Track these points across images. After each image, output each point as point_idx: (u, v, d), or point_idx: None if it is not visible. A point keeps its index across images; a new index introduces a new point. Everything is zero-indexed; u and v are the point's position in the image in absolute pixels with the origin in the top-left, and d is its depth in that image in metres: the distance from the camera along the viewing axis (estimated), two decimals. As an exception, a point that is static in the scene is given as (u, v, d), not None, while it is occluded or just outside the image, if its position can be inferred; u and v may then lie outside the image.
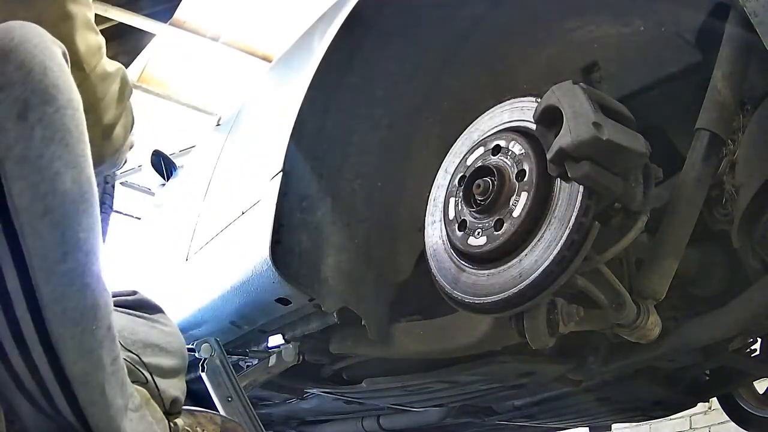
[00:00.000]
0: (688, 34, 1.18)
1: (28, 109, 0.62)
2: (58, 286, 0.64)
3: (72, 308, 0.65)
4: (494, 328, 1.26)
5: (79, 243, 0.65)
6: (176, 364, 1.01)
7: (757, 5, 0.85)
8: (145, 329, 0.99)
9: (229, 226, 1.76)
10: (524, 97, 1.18)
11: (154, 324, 1.03)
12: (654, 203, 1.07)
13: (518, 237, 1.06)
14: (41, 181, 0.62)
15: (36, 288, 0.63)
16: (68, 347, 0.65)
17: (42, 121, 0.63)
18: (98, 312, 0.68)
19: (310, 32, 1.85)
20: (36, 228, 0.62)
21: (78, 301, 0.65)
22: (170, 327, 1.07)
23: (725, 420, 2.45)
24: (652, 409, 1.94)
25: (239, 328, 1.75)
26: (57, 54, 0.66)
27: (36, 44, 0.65)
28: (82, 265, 0.65)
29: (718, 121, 1.09)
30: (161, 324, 1.05)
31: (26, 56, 0.63)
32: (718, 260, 1.29)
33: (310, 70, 1.46)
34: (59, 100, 0.64)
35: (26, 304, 0.63)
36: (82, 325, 0.66)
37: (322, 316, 1.56)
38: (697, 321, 1.28)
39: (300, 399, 2.08)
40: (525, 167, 1.08)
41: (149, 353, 0.95)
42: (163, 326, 1.05)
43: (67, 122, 0.65)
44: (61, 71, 0.66)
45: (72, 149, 0.64)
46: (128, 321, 0.98)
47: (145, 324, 1.01)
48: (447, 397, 1.76)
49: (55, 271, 0.63)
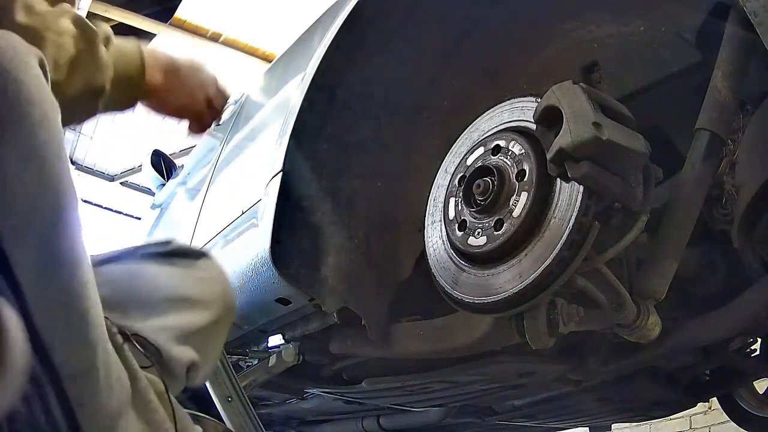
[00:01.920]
0: (688, 34, 1.18)
1: (3, 128, 0.60)
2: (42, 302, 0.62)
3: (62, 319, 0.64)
4: (494, 328, 1.26)
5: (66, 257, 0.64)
6: (210, 316, 0.95)
7: (757, 5, 0.85)
8: (173, 281, 0.94)
9: (229, 225, 1.77)
10: (524, 97, 1.18)
11: (190, 272, 0.97)
12: (654, 203, 1.07)
13: (518, 237, 1.06)
14: (21, 201, 0.60)
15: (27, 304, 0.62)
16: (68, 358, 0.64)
17: (16, 142, 0.61)
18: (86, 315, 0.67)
19: (310, 32, 1.85)
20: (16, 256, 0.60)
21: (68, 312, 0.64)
22: (209, 273, 1.00)
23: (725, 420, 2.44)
24: (652, 409, 1.94)
25: (239, 328, 1.75)
26: (32, 65, 0.64)
27: (10, 59, 0.62)
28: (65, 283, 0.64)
29: (718, 121, 1.08)
30: (199, 270, 0.98)
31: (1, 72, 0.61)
32: (718, 260, 1.29)
33: (310, 70, 1.46)
34: (34, 117, 0.62)
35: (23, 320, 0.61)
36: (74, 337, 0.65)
37: (322, 316, 1.56)
38: (697, 321, 1.28)
39: (300, 399, 2.08)
40: (525, 167, 1.08)
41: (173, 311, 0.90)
42: (201, 273, 0.98)
43: (42, 140, 0.62)
44: (36, 83, 0.63)
45: (51, 163, 0.63)
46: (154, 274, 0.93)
47: (178, 273, 0.95)
48: (447, 397, 1.76)
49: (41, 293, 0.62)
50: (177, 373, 0.88)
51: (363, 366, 1.70)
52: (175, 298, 0.91)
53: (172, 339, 0.88)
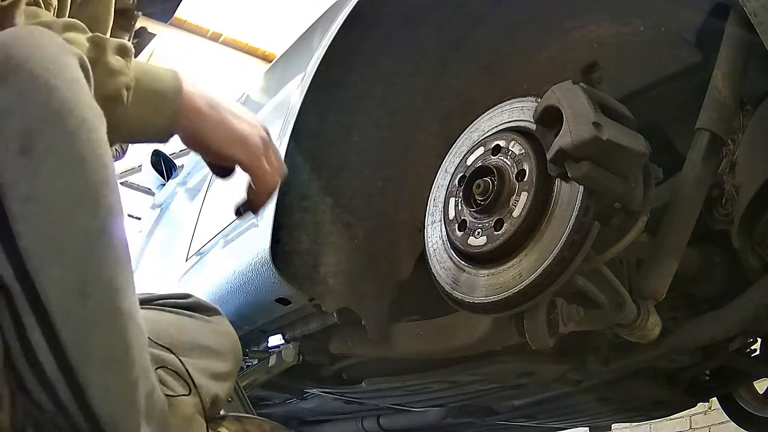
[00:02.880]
0: (688, 34, 1.18)
1: (32, 141, 0.55)
2: (79, 330, 0.57)
3: (97, 350, 0.59)
4: (494, 328, 1.26)
5: (100, 283, 0.58)
6: (227, 367, 0.98)
7: (757, 5, 0.85)
8: (196, 330, 0.96)
9: (229, 225, 1.77)
10: (524, 97, 1.18)
11: (208, 325, 1.00)
12: (654, 203, 1.07)
13: (518, 237, 1.06)
14: (50, 223, 0.55)
15: (56, 331, 0.57)
16: (95, 391, 0.59)
17: (49, 153, 0.55)
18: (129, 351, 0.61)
19: (310, 32, 1.85)
20: (49, 273, 0.55)
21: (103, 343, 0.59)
22: (223, 328, 1.04)
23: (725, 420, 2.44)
24: (652, 409, 1.93)
25: (239, 328, 1.75)
26: (68, 67, 0.59)
27: (40, 61, 0.56)
28: (106, 306, 0.59)
29: (718, 121, 1.08)
30: (215, 325, 1.02)
31: (28, 79, 0.56)
32: (718, 260, 1.29)
33: (310, 70, 1.46)
34: (70, 124, 0.56)
35: (49, 348, 0.57)
36: (109, 367, 0.60)
37: (322, 316, 1.57)
38: (697, 321, 1.28)
39: (300, 399, 2.08)
40: (525, 167, 1.08)
41: (196, 355, 0.92)
42: (217, 327, 1.02)
43: (81, 148, 0.57)
44: (72, 88, 0.58)
45: (88, 179, 0.57)
46: (178, 320, 0.96)
47: (198, 324, 0.98)
48: (447, 397, 1.76)
49: (74, 315, 0.57)
50: (205, 404, 0.89)
51: (363, 366, 1.70)
52: (199, 344, 0.94)
53: (199, 372, 0.90)
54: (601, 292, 1.07)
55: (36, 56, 0.57)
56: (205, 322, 1.01)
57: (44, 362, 0.58)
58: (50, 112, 0.56)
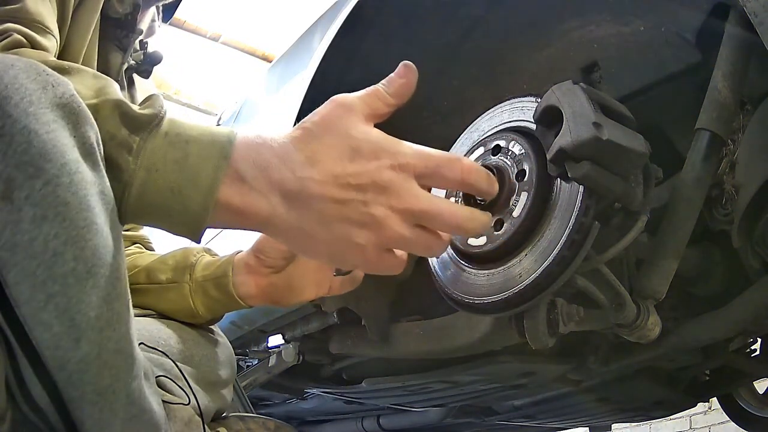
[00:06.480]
0: (688, 34, 1.18)
1: (12, 188, 0.53)
2: (74, 374, 0.57)
3: (90, 389, 0.59)
4: (494, 328, 1.26)
5: (92, 323, 0.57)
6: (225, 375, 1.01)
7: (757, 5, 0.85)
8: (194, 340, 0.99)
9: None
10: (524, 97, 1.18)
11: (204, 334, 1.04)
12: (654, 203, 1.07)
13: (518, 237, 1.06)
14: (37, 268, 0.54)
15: (51, 375, 0.57)
16: (91, 425, 0.60)
17: (30, 199, 0.54)
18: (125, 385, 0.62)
19: (310, 32, 1.85)
20: (41, 319, 0.55)
21: (95, 384, 0.59)
22: (221, 338, 1.08)
23: (725, 420, 2.45)
24: (652, 409, 1.94)
25: (239, 328, 1.76)
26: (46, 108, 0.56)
27: (17, 102, 0.54)
28: (99, 346, 0.58)
29: (718, 121, 1.08)
30: (212, 334, 1.06)
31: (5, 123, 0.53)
32: (718, 260, 1.29)
33: (311, 70, 1.46)
34: (49, 171, 0.54)
35: (42, 387, 0.58)
36: (99, 404, 0.60)
37: (322, 316, 1.57)
38: (697, 321, 1.28)
39: (300, 399, 2.08)
40: (525, 167, 1.08)
41: (195, 363, 0.94)
42: (213, 336, 1.06)
43: (62, 193, 0.55)
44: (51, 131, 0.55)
45: (71, 223, 0.56)
46: (178, 329, 0.98)
47: (195, 334, 1.01)
48: (447, 397, 1.76)
49: (68, 360, 0.57)
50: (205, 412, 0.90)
51: (363, 366, 1.70)
52: (195, 352, 0.96)
53: (198, 381, 0.91)
54: (601, 292, 1.07)
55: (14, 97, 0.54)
56: (202, 331, 1.03)
57: (38, 399, 0.59)
58: (28, 158, 0.54)
